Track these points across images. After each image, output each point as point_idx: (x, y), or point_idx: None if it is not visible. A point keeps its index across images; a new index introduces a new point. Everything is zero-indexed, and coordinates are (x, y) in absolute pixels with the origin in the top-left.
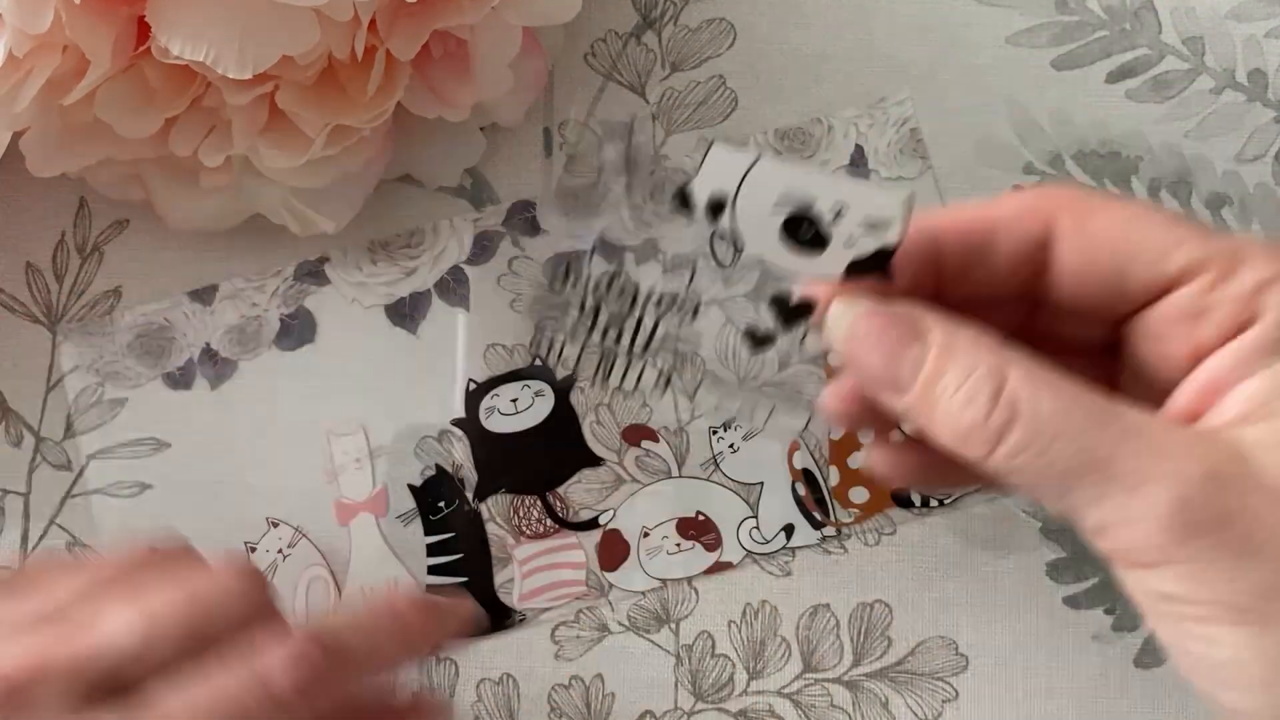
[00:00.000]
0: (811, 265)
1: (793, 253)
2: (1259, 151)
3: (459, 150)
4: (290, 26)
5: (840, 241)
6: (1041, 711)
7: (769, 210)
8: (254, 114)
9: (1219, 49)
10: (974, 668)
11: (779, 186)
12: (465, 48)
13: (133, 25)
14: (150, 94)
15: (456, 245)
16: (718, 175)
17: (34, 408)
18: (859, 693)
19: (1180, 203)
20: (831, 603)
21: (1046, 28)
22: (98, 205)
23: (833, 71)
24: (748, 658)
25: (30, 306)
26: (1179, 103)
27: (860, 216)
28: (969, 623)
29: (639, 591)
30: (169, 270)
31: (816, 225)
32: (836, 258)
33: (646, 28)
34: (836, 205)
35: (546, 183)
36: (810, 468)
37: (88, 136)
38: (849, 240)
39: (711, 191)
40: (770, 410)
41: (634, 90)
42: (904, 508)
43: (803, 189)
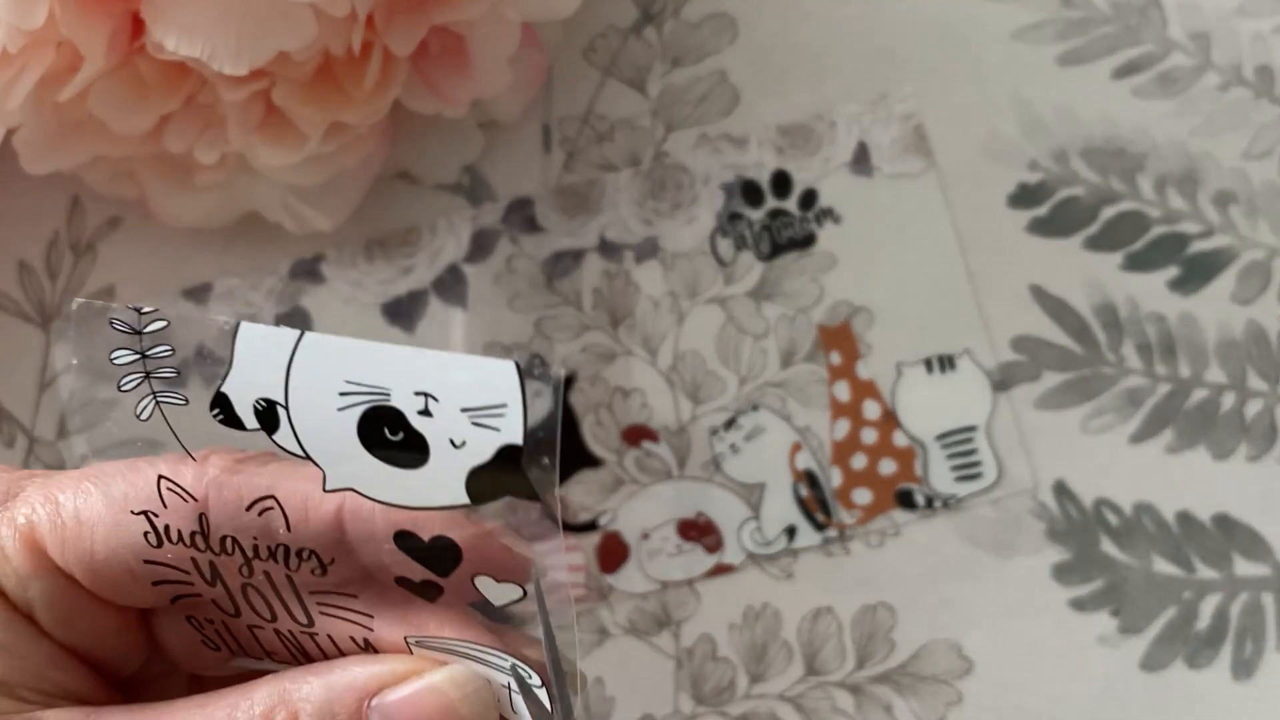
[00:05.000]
0: (420, 483)
1: (388, 465)
2: (1266, 148)
3: (457, 147)
4: (286, 22)
5: (444, 442)
6: (1046, 715)
7: (335, 410)
8: (249, 111)
9: (1225, 45)
10: (978, 671)
11: (340, 372)
12: (463, 44)
13: (127, 21)
14: (145, 90)
15: (454, 243)
16: (257, 368)
17: (27, 408)
18: (862, 696)
19: (1186, 200)
20: (834, 605)
21: (1052, 23)
22: (91, 203)
23: (836, 67)
24: (749, 661)
25: (23, 305)
26: (1185, 99)
27: (458, 404)
28: (973, 626)
29: (639, 594)
30: (163, 268)
31: (402, 422)
32: (449, 468)
33: (647, 23)
34: (421, 393)
35: (545, 180)
36: (813, 469)
37: (81, 133)
38: (455, 439)
39: (256, 394)
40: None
41: (634, 86)
42: (908, 509)
43: (370, 374)
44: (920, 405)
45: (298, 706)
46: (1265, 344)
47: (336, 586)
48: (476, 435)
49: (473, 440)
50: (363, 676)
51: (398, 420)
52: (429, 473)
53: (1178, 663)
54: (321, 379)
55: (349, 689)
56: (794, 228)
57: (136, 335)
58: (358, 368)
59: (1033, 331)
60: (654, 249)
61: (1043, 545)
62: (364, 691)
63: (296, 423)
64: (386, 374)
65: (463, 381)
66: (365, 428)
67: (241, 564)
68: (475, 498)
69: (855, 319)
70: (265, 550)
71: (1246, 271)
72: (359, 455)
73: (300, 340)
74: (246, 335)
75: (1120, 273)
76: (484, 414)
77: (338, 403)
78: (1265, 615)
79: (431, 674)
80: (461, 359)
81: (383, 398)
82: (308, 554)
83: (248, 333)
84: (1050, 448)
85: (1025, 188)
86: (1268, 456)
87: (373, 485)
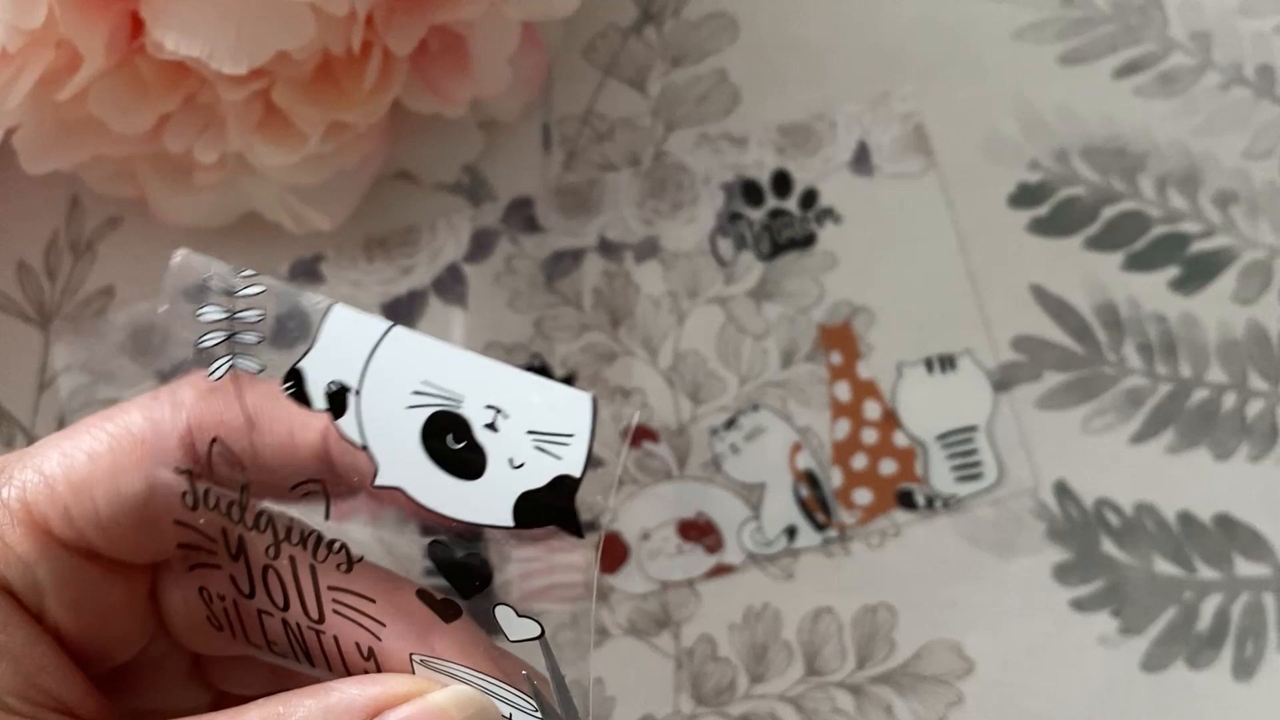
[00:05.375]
0: (467, 495)
1: (442, 471)
2: (1267, 148)
3: (456, 146)
4: (286, 22)
5: (502, 460)
6: (1047, 715)
7: (404, 407)
8: (249, 110)
9: (1226, 44)
10: (979, 671)
11: (419, 372)
12: (463, 43)
13: (126, 21)
14: (144, 90)
15: (454, 243)
16: (338, 350)
17: (26, 408)
18: (862, 697)
19: (1187, 200)
20: (834, 605)
21: (1053, 23)
22: (90, 203)
23: (836, 66)
24: (749, 661)
25: (22, 305)
26: (1186, 99)
27: (526, 425)
28: (974, 626)
29: (639, 594)
30: (162, 268)
31: (467, 431)
32: (501, 487)
33: (647, 22)
34: (492, 407)
35: (545, 180)
36: (813, 469)
37: (80, 133)
38: (515, 459)
39: (331, 376)
40: None
41: (634, 86)
42: (908, 509)
43: (447, 379)
44: (921, 405)
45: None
46: (1266, 344)
47: (357, 587)
48: (536, 460)
49: (531, 464)
50: (361, 698)
51: (463, 429)
52: (480, 487)
53: (1178, 663)
54: (399, 374)
55: (347, 711)
56: (794, 227)
57: (228, 296)
58: (436, 370)
59: (1033, 331)
60: (654, 249)
61: (1043, 545)
62: (363, 714)
63: (364, 412)
64: (463, 381)
65: (536, 404)
66: (429, 430)
67: (270, 544)
68: (520, 521)
69: (856, 319)
70: (297, 534)
71: (1247, 271)
72: (416, 456)
73: (388, 332)
74: (337, 317)
75: (1121, 272)
76: (549, 440)
77: (408, 400)
78: (1266, 615)
79: (432, 695)
80: (541, 382)
81: (453, 404)
82: (338, 546)
83: (339, 314)
84: (1051, 448)
85: (1026, 187)
86: (1269, 456)
87: (422, 489)
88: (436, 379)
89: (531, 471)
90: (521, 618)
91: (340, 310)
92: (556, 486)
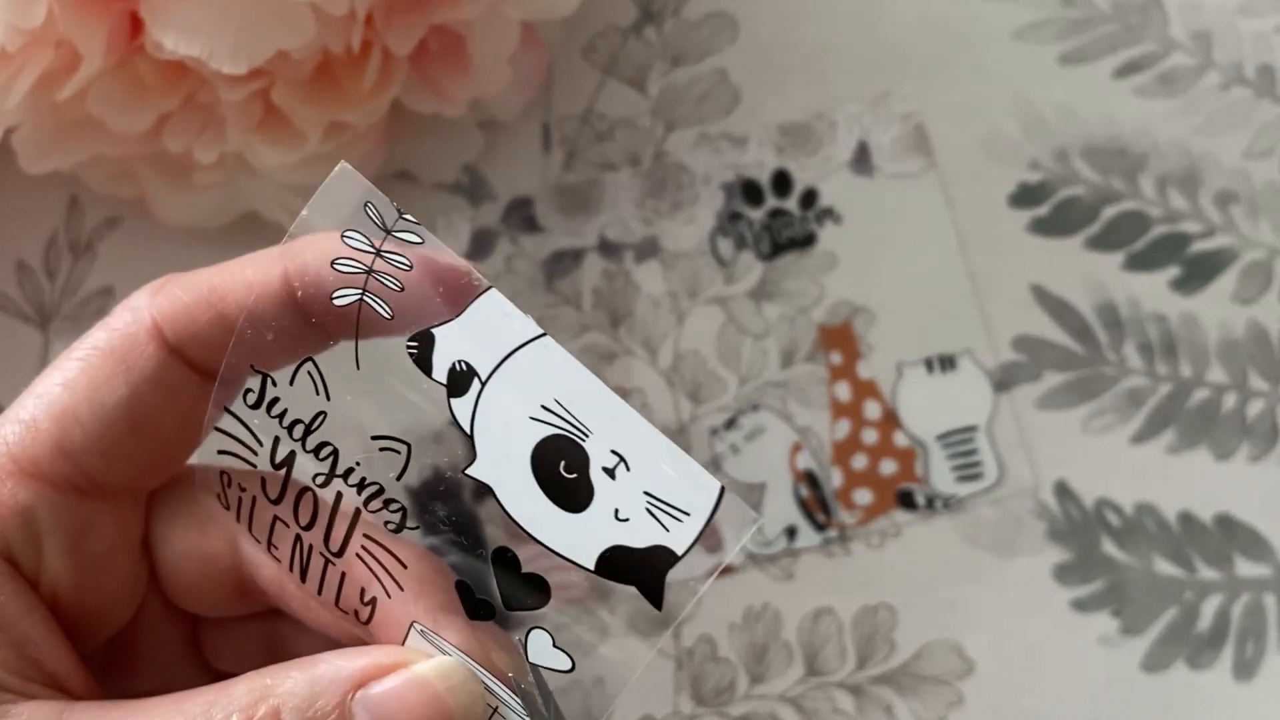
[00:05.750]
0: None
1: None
2: (1267, 148)
3: (456, 146)
4: (285, 21)
5: (608, 507)
6: (1047, 716)
7: (527, 415)
8: (248, 110)
9: (1227, 44)
10: (979, 672)
11: (554, 389)
12: (463, 43)
13: (126, 20)
14: (143, 90)
15: (454, 243)
16: (479, 334)
17: None
18: (862, 697)
19: (1187, 199)
20: (834, 606)
21: (1053, 22)
22: (90, 202)
23: (836, 66)
24: (749, 661)
25: (22, 305)
26: (1186, 99)
27: (646, 485)
28: (974, 626)
29: (639, 594)
30: (162, 268)
31: (583, 467)
32: (596, 531)
33: (647, 22)
34: (618, 454)
35: (545, 179)
36: (813, 469)
37: (80, 133)
38: (622, 512)
39: (463, 355)
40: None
41: (634, 86)
42: (908, 510)
43: (581, 408)
44: (921, 405)
45: (279, 702)
46: (1266, 344)
47: (396, 549)
48: (644, 521)
49: (637, 523)
50: (346, 670)
51: (578, 462)
52: (573, 521)
53: (1179, 663)
54: (534, 382)
55: (333, 683)
56: (794, 227)
57: (382, 230)
58: (574, 396)
59: (1033, 331)
60: (654, 249)
61: (1044, 545)
62: (348, 684)
63: (483, 403)
64: (597, 417)
65: (664, 470)
66: (544, 449)
67: (322, 474)
68: (602, 569)
69: (856, 319)
70: (357, 478)
71: (1248, 271)
72: (520, 466)
73: (539, 338)
74: (490, 302)
75: (1121, 272)
76: (664, 509)
77: (534, 411)
78: (1267, 616)
79: (417, 665)
80: (675, 451)
81: (579, 435)
82: (396, 508)
83: (492, 300)
84: (1051, 448)
85: (1026, 187)
86: (1269, 456)
87: (513, 498)
88: (570, 404)
89: (634, 530)
90: (556, 649)
91: (495, 296)
92: (655, 555)
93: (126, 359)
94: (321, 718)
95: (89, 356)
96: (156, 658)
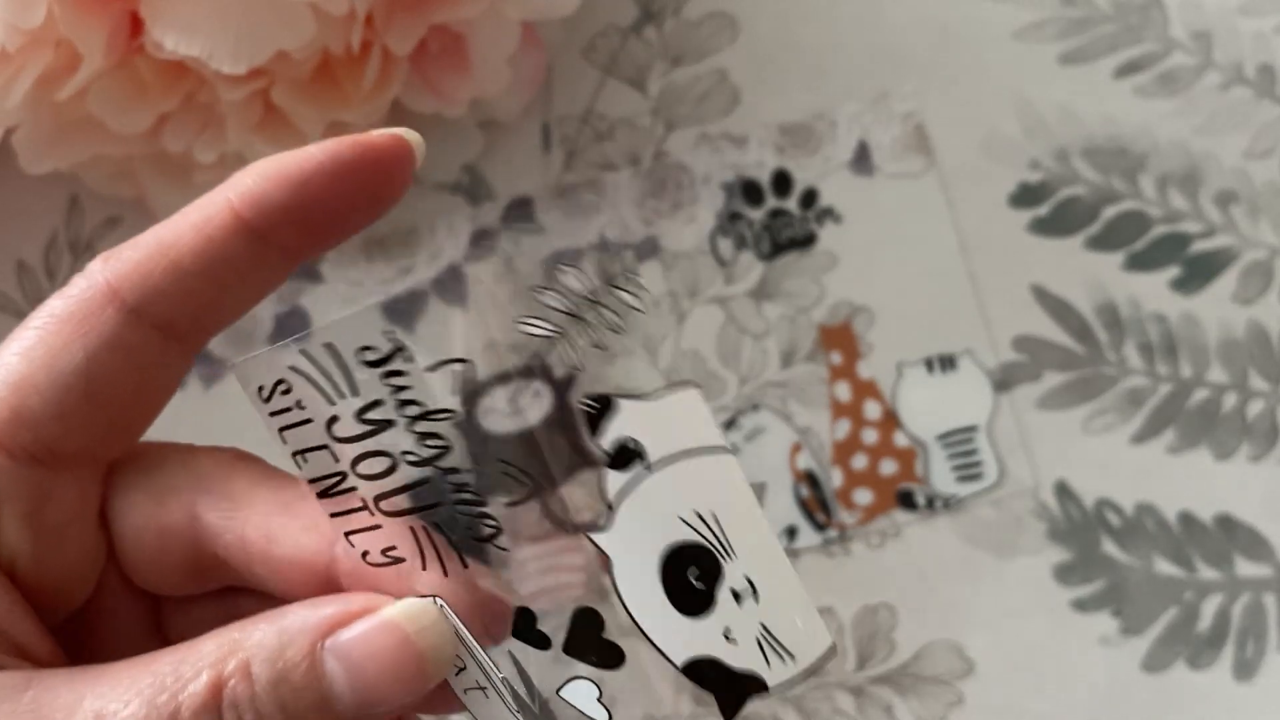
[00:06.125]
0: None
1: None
2: (1268, 147)
3: (456, 146)
4: (285, 21)
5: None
6: (1048, 716)
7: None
8: (248, 110)
9: (1227, 44)
10: (979, 672)
11: (715, 503)
12: (463, 43)
13: (126, 20)
14: (143, 90)
15: (453, 243)
16: (663, 421)
17: None
18: (863, 697)
19: (1187, 199)
20: (835, 606)
21: (1053, 22)
22: (90, 202)
23: (836, 66)
24: None
25: (21, 305)
26: (1187, 98)
27: (766, 620)
28: (974, 626)
29: None
30: None
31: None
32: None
33: (647, 22)
34: (752, 584)
35: (545, 179)
36: (813, 469)
37: (80, 133)
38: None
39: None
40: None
41: (634, 85)
42: (909, 510)
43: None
44: (921, 405)
45: (249, 654)
46: (1267, 344)
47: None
48: (749, 648)
49: (743, 647)
50: (314, 618)
51: (711, 576)
52: (680, 623)
53: (1179, 663)
54: (700, 489)
55: (301, 632)
56: (794, 227)
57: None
58: (733, 517)
59: (1034, 331)
60: (654, 249)
61: (1044, 545)
62: (317, 633)
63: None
64: (747, 546)
65: (791, 618)
66: (682, 551)
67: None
68: (689, 670)
69: (856, 319)
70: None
71: (1248, 271)
72: (648, 554)
73: (723, 452)
74: (689, 398)
75: (1121, 272)
76: (774, 647)
77: (687, 515)
78: (1267, 616)
79: (385, 609)
80: (807, 602)
81: (723, 555)
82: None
83: (692, 398)
84: (1051, 448)
85: (1026, 187)
86: (1269, 456)
87: (628, 579)
88: (727, 524)
89: (737, 652)
90: (599, 702)
91: (697, 395)
92: (746, 680)
93: (84, 324)
94: (292, 668)
95: (45, 324)
96: (119, 639)
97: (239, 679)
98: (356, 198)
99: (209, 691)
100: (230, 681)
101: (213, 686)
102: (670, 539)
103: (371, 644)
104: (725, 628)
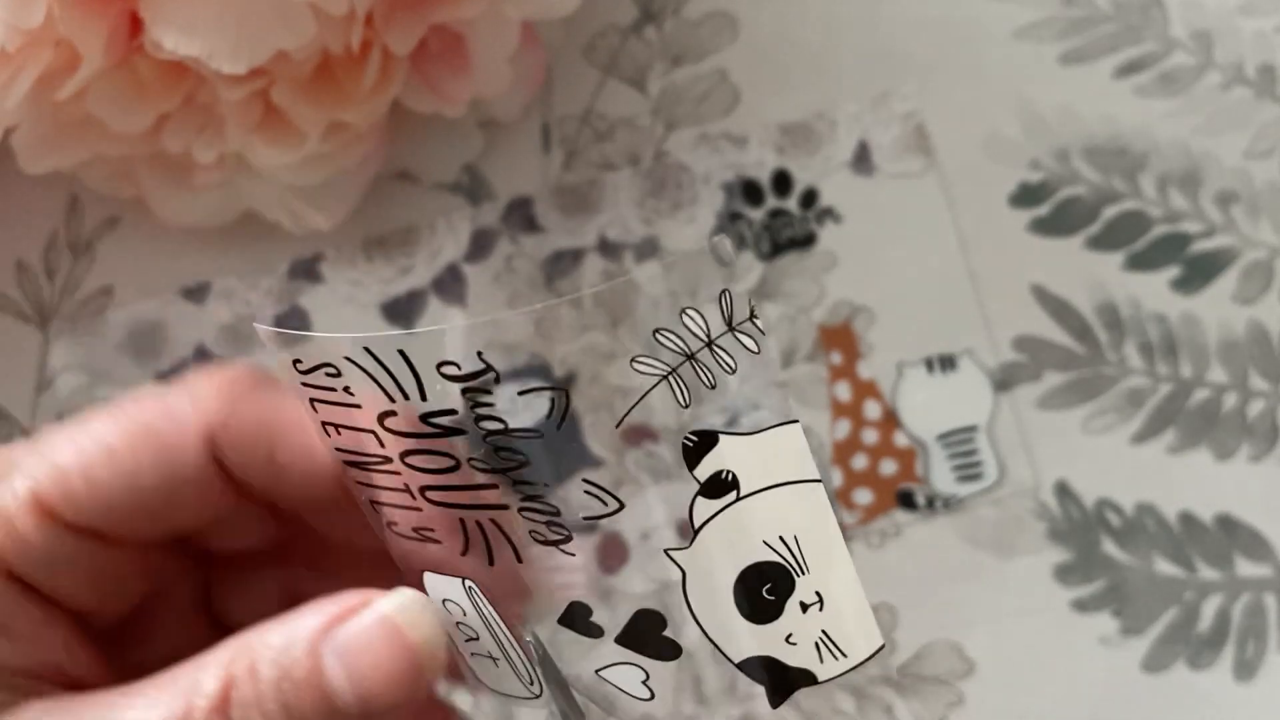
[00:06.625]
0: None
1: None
2: (1268, 147)
3: (456, 146)
4: (285, 21)
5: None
6: (1048, 716)
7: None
8: (248, 110)
9: (1227, 44)
10: (980, 672)
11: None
12: (463, 42)
13: (125, 20)
14: (143, 90)
15: (453, 243)
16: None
17: (25, 408)
18: (863, 698)
19: (1188, 199)
20: None
21: (1053, 22)
22: (89, 202)
23: (836, 66)
24: None
25: (21, 305)
26: (1187, 98)
27: (827, 627)
28: (975, 626)
29: (639, 594)
30: (161, 268)
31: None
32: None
33: (647, 22)
34: (820, 597)
35: (545, 179)
36: None
37: (79, 133)
38: (793, 638)
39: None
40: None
41: (634, 85)
42: (909, 510)
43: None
44: (921, 405)
45: (256, 654)
46: (1267, 344)
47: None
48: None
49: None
50: (316, 617)
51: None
52: (743, 627)
53: (1179, 664)
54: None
55: (303, 631)
56: (794, 227)
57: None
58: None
59: (1034, 331)
60: (654, 249)
61: (1044, 546)
62: (318, 631)
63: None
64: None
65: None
66: (758, 570)
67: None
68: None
69: (856, 319)
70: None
71: (1248, 271)
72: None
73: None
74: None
75: (1122, 272)
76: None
77: (769, 538)
78: (1267, 616)
79: (379, 603)
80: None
81: (797, 572)
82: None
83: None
84: (1051, 448)
85: (1026, 187)
86: (1270, 456)
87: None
88: (805, 545)
89: (794, 652)
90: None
91: (796, 430)
92: (799, 674)
93: (170, 455)
94: (295, 666)
95: (134, 434)
96: (169, 622)
97: (246, 680)
98: None
99: (220, 695)
100: (238, 682)
101: (223, 689)
102: (749, 558)
103: (367, 639)
104: (788, 634)
